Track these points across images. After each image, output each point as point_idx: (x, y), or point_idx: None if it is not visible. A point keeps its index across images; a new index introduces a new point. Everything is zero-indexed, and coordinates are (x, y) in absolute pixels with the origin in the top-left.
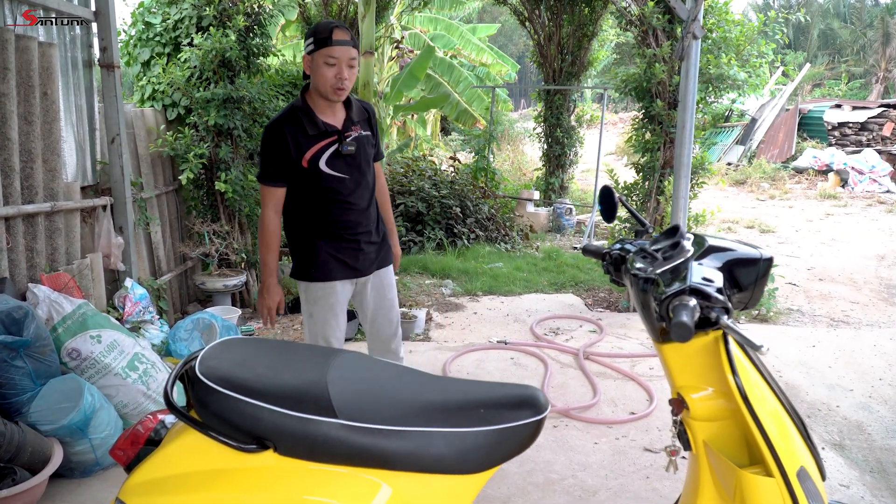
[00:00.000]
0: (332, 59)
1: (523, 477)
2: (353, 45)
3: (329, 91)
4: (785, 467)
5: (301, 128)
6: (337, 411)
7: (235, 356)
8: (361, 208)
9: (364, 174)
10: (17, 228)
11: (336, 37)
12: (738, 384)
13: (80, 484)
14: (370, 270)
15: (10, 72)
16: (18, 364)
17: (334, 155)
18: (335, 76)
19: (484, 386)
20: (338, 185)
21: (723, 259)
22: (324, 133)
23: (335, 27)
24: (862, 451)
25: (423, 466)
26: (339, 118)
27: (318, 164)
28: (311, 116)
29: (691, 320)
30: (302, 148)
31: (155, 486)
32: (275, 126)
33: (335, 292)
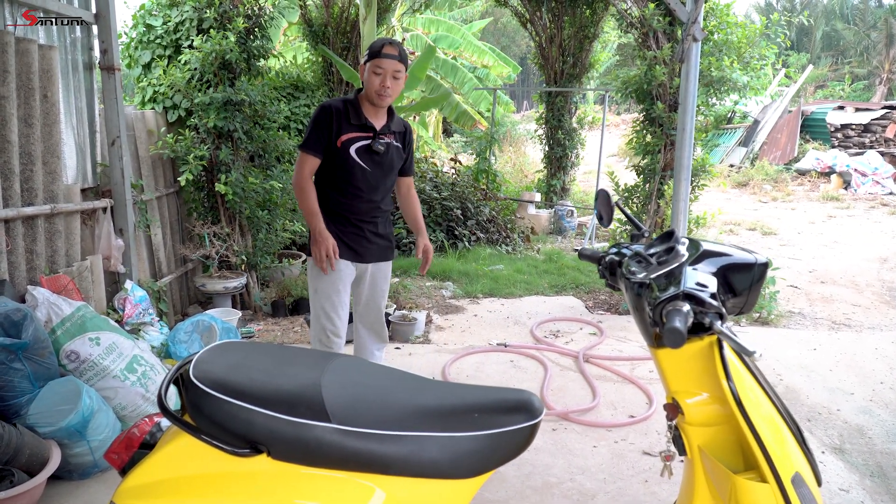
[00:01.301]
0: (379, 70)
1: (521, 480)
2: (399, 60)
3: (374, 96)
4: (780, 473)
5: (346, 115)
6: (330, 415)
7: (230, 360)
8: (373, 200)
9: (384, 175)
10: (17, 231)
11: (385, 51)
12: (732, 389)
13: (79, 486)
14: (371, 260)
15: (10, 74)
16: (17, 366)
17: (365, 148)
18: (380, 84)
19: (478, 390)
20: (359, 173)
21: (717, 264)
22: (363, 126)
23: (387, 43)
24: (862, 455)
25: (417, 471)
26: (380, 122)
27: (348, 149)
28: (358, 110)
29: (684, 326)
30: (341, 130)
31: (149, 490)
32: (326, 106)
33: (339, 269)
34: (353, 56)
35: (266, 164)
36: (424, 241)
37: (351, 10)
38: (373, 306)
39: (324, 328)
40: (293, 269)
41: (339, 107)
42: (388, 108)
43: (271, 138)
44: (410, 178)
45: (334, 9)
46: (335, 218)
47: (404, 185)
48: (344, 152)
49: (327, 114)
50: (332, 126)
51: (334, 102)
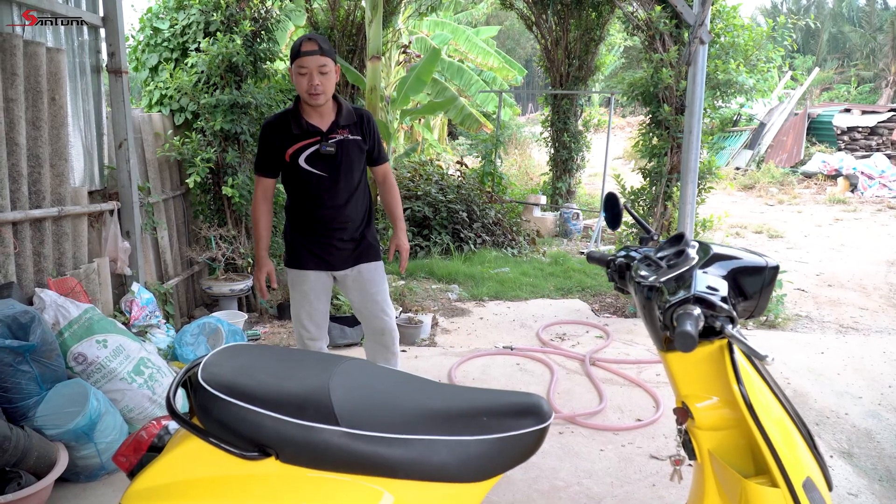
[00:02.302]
0: (303, 69)
1: (528, 484)
2: (321, 53)
3: (306, 97)
4: (791, 478)
5: (287, 127)
6: (339, 419)
7: (238, 363)
8: (336, 206)
9: (345, 175)
10: (25, 233)
11: (304, 48)
12: (742, 393)
13: (86, 488)
14: (345, 266)
15: (19, 77)
16: (24, 368)
17: (314, 154)
18: (308, 83)
19: (487, 393)
20: (315, 182)
21: (728, 267)
22: (306, 133)
23: (305, 39)
24: (871, 460)
25: (425, 475)
26: (325, 121)
27: (297, 160)
28: (298, 118)
29: (695, 330)
30: (286, 144)
31: (157, 493)
32: (267, 124)
33: (307, 280)
34: (358, 59)
35: None
36: (399, 239)
37: (357, 12)
38: (367, 312)
39: (301, 336)
40: None
41: (275, 121)
42: (336, 103)
43: None
44: (384, 165)
45: (340, 12)
46: (302, 229)
47: (379, 174)
48: (294, 165)
49: (267, 132)
50: (274, 143)
51: (273, 118)
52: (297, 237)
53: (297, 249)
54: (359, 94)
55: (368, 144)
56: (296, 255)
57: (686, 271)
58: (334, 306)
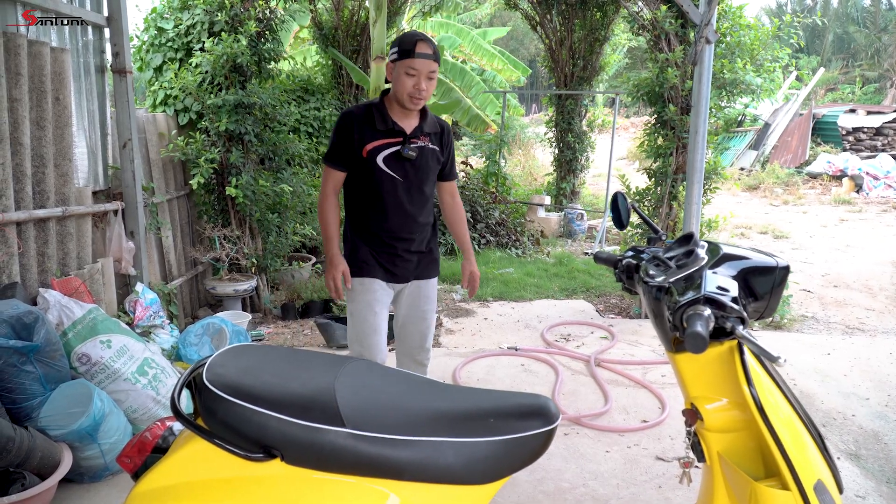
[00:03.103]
0: (412, 70)
1: (534, 486)
2: (434, 59)
3: (405, 99)
4: (802, 480)
5: (371, 121)
6: (345, 420)
7: (243, 363)
8: (407, 214)
9: (419, 183)
10: (29, 233)
11: (419, 49)
12: (753, 395)
13: (90, 489)
14: (408, 278)
15: (23, 77)
16: (28, 369)
17: (394, 155)
18: (413, 86)
19: (494, 395)
20: (389, 184)
21: (738, 267)
22: (390, 131)
23: (419, 40)
24: (878, 462)
25: (431, 477)
26: (410, 124)
27: (375, 158)
28: (384, 113)
29: (706, 330)
30: (365, 139)
31: (162, 494)
32: (347, 113)
33: (373, 290)
34: (362, 59)
35: (276, 166)
36: (471, 266)
37: (361, 13)
38: (411, 329)
39: (360, 354)
40: (303, 272)
41: (360, 113)
42: (422, 109)
43: (282, 141)
44: (453, 182)
45: (344, 12)
46: (366, 236)
47: (447, 191)
48: (370, 163)
49: (348, 122)
50: (353, 135)
51: (356, 109)
52: (362, 244)
53: (362, 257)
54: (363, 95)
55: (444, 157)
56: (362, 262)
57: (695, 271)
58: (338, 307)
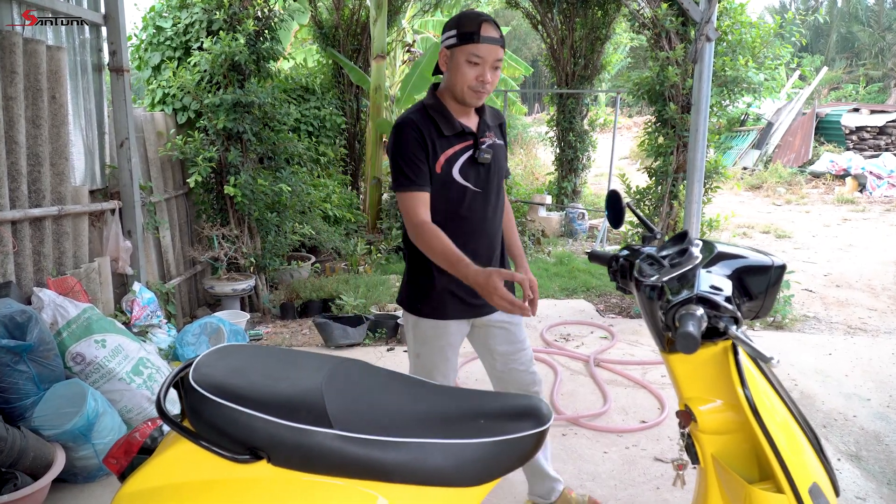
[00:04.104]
0: (475, 58)
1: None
2: (502, 45)
3: (465, 93)
4: (796, 483)
5: (436, 127)
6: (332, 421)
7: (231, 364)
8: (487, 231)
9: (497, 191)
10: (24, 232)
11: (484, 32)
12: (747, 396)
13: (83, 489)
14: (490, 308)
15: (18, 75)
16: (22, 368)
17: (469, 162)
18: (476, 77)
19: (485, 396)
20: (469, 199)
21: (733, 266)
22: (460, 134)
23: (484, 21)
24: (879, 463)
25: (420, 479)
26: (473, 121)
27: (451, 170)
28: (447, 115)
29: (698, 330)
30: (437, 150)
31: (147, 496)
32: (408, 123)
33: (448, 333)
34: (363, 58)
35: (276, 166)
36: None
37: (361, 12)
38: (516, 365)
39: None
40: (302, 272)
41: (421, 119)
42: None
43: (281, 140)
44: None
45: (345, 11)
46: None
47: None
48: (446, 176)
49: (415, 133)
50: (424, 147)
51: (413, 116)
52: (435, 277)
53: (439, 293)
54: (363, 94)
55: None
56: (438, 300)
57: (689, 270)
58: (336, 306)
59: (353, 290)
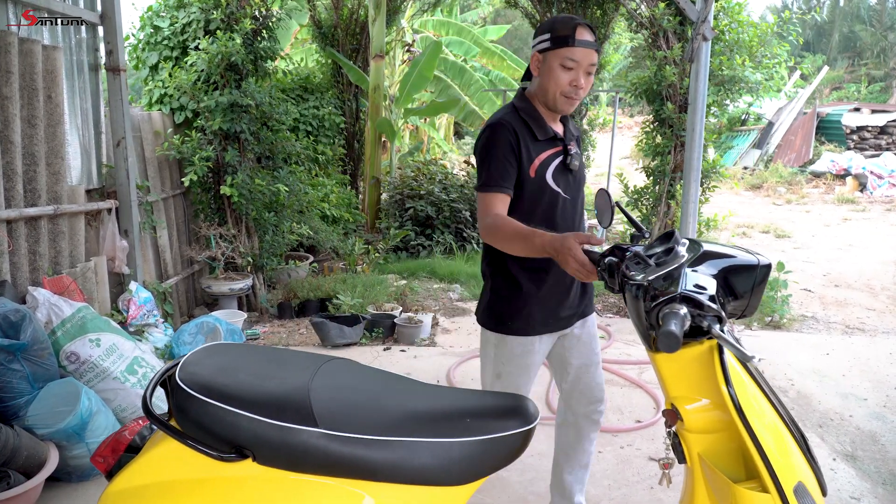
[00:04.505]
0: (570, 62)
1: (524, 486)
2: (597, 49)
3: (557, 99)
4: (781, 483)
5: (528, 130)
6: (318, 420)
7: (218, 362)
8: None
9: (579, 198)
10: (20, 231)
11: (580, 36)
12: (732, 395)
13: (77, 488)
14: (574, 320)
15: (13, 75)
16: (15, 367)
17: (560, 168)
18: (570, 82)
19: (472, 394)
20: (560, 205)
21: (718, 265)
22: (552, 140)
23: (579, 24)
24: (875, 463)
25: (406, 478)
26: (560, 128)
27: (544, 175)
28: (539, 120)
29: (680, 329)
30: (531, 154)
31: (134, 494)
32: (502, 125)
33: (534, 351)
34: (362, 57)
35: (273, 165)
36: None
37: (360, 11)
38: (589, 381)
39: None
40: (300, 271)
41: (516, 122)
42: None
43: (279, 140)
44: None
45: (344, 11)
46: (532, 275)
47: None
48: (541, 181)
49: (510, 135)
50: (520, 150)
51: (507, 117)
52: (532, 289)
53: (529, 307)
54: (362, 94)
55: None
56: (528, 316)
57: (674, 269)
58: (334, 306)
59: (350, 289)
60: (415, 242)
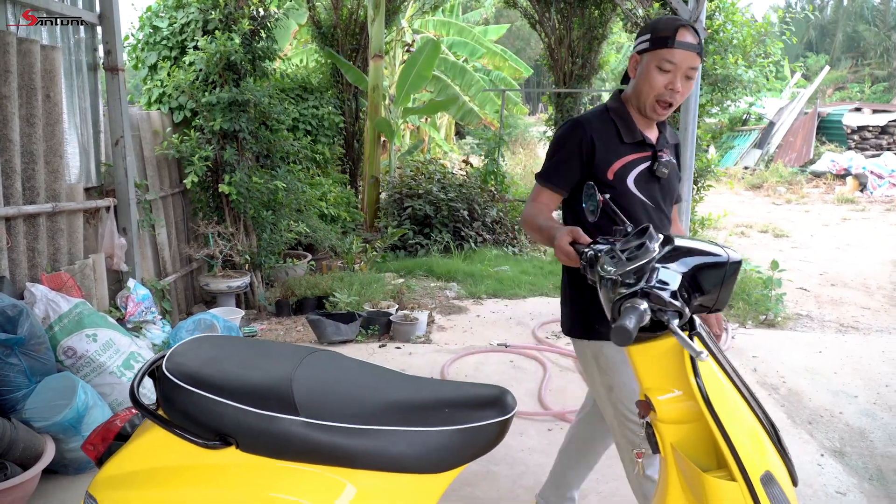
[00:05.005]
0: (668, 64)
1: (513, 480)
2: (699, 52)
3: (650, 103)
4: (748, 471)
5: (615, 132)
6: (299, 408)
7: (205, 354)
8: None
9: (666, 207)
10: (18, 228)
11: (680, 37)
12: (700, 386)
13: (73, 481)
14: None
15: (12, 74)
16: (13, 361)
17: (646, 174)
18: (666, 85)
19: (451, 385)
20: (641, 212)
21: (687, 261)
22: (640, 144)
23: (681, 25)
24: (862, 458)
25: (385, 465)
26: (653, 134)
27: (625, 179)
28: (629, 123)
29: (635, 324)
30: (611, 156)
31: (123, 480)
32: (580, 123)
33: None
34: (362, 57)
35: (271, 164)
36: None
37: (360, 11)
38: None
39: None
40: (297, 270)
41: (598, 122)
42: None
43: (277, 139)
44: (679, 204)
45: (343, 11)
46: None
47: (673, 215)
48: (620, 185)
49: (584, 134)
50: (592, 151)
51: (591, 117)
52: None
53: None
54: (362, 94)
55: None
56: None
57: (644, 265)
58: (330, 303)
59: (347, 287)
60: (413, 241)
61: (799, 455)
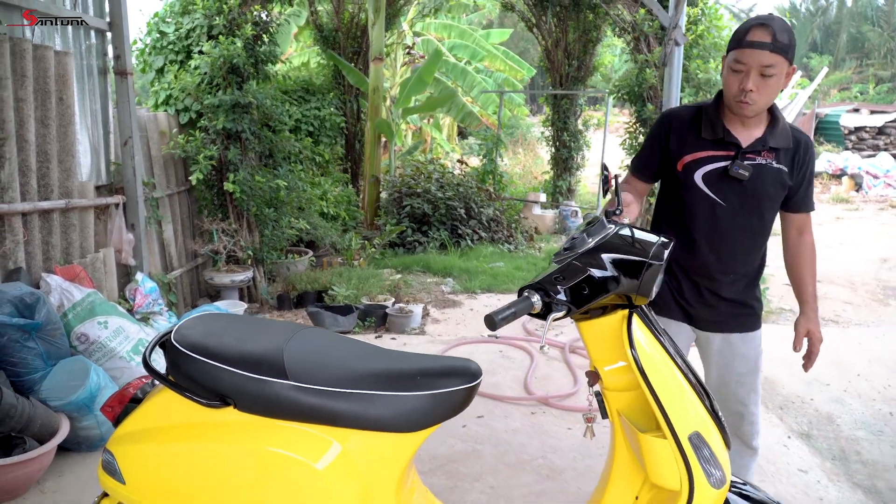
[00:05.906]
0: (738, 65)
1: (496, 458)
2: (772, 49)
3: (730, 103)
4: (676, 430)
5: (695, 127)
6: (289, 374)
7: (209, 328)
8: (726, 250)
9: (750, 211)
10: (34, 223)
11: (751, 37)
12: (634, 356)
13: (86, 457)
14: (710, 328)
15: (28, 79)
16: (31, 345)
17: (718, 172)
18: (738, 86)
19: (426, 358)
20: (708, 210)
21: (620, 248)
22: (719, 142)
23: (756, 25)
24: (828, 441)
25: (366, 425)
26: (749, 135)
27: (693, 174)
28: (715, 120)
29: (506, 313)
30: (683, 149)
31: (136, 436)
32: (667, 115)
33: (669, 329)
34: (363, 60)
35: (273, 164)
36: (811, 322)
37: (361, 15)
38: (727, 394)
39: None
40: (299, 265)
41: (684, 115)
42: (771, 116)
43: (279, 139)
44: (805, 215)
45: (345, 14)
46: (672, 272)
47: (794, 225)
48: (686, 179)
49: (665, 125)
50: (669, 141)
51: (682, 109)
52: (668, 278)
53: (665, 291)
54: (363, 95)
55: (794, 180)
56: (663, 296)
57: (577, 257)
58: (329, 297)
59: (346, 282)
60: (411, 239)
61: (766, 437)
